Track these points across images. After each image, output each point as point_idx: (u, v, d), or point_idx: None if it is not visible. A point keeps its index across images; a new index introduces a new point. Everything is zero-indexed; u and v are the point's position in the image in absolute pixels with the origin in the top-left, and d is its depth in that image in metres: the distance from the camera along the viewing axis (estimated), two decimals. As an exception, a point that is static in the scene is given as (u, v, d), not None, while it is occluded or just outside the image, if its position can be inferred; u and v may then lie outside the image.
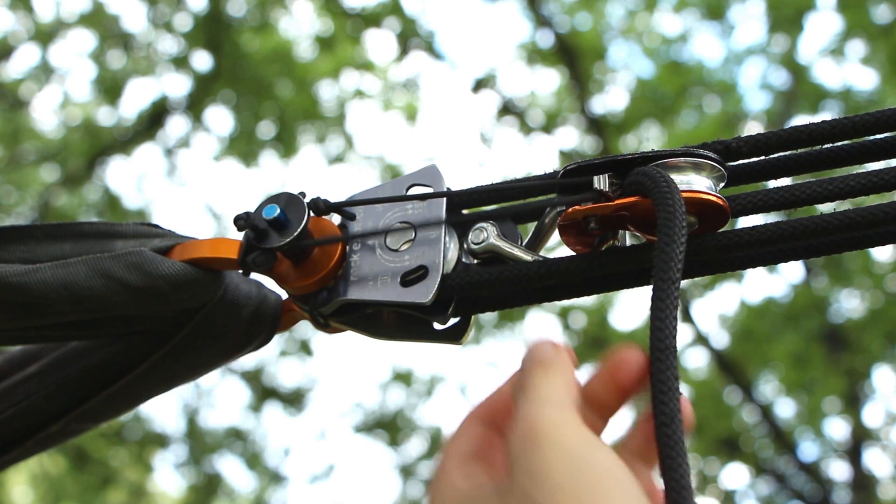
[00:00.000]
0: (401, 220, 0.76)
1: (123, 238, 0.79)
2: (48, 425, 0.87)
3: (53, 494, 7.30)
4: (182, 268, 0.75)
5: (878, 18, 5.68)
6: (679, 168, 0.68)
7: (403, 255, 0.74)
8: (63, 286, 0.74)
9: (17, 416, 0.86)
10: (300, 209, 0.73)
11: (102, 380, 0.85)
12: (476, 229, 0.75)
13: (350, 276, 0.74)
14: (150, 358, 0.83)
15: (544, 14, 6.09)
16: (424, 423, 7.46)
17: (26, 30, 6.13)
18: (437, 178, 0.77)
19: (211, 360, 0.85)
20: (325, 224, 0.76)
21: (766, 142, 0.72)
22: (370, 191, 0.78)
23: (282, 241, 0.72)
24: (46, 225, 0.79)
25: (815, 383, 6.07)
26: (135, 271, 0.74)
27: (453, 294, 0.74)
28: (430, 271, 0.73)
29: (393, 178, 0.78)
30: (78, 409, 0.86)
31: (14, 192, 6.67)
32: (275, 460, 7.47)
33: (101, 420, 0.90)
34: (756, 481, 6.74)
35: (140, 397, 0.87)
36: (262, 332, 0.83)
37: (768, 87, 6.35)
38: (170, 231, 0.80)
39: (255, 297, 0.82)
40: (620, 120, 6.06)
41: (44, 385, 0.86)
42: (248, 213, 0.74)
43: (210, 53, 6.00)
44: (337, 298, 0.74)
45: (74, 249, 0.78)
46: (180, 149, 6.64)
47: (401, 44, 6.15)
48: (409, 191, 0.77)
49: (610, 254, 0.72)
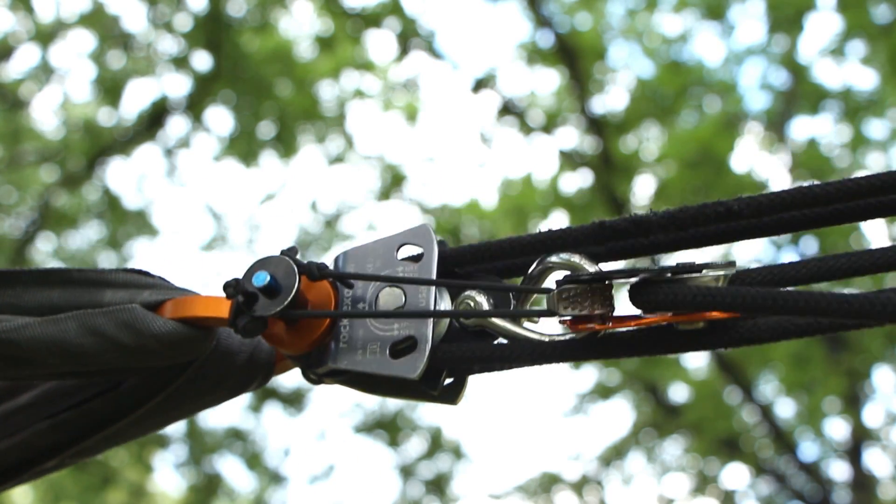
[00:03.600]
0: (391, 284, 0.75)
1: (113, 288, 0.77)
2: (43, 461, 0.87)
3: (53, 494, 7.30)
4: (174, 327, 0.73)
5: (878, 18, 5.68)
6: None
7: (393, 324, 0.74)
8: (53, 343, 0.73)
9: (12, 449, 0.86)
10: (291, 275, 0.72)
11: (96, 423, 0.84)
12: (466, 300, 0.74)
13: (341, 341, 0.74)
14: (146, 405, 0.82)
15: (544, 14, 6.09)
16: (424, 423, 7.46)
17: (26, 30, 6.13)
18: (427, 239, 0.76)
19: (207, 404, 0.85)
20: (318, 285, 0.75)
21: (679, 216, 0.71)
22: (361, 248, 0.77)
23: (272, 309, 0.72)
24: (34, 270, 0.78)
25: (815, 383, 6.07)
26: (126, 329, 0.73)
27: (443, 366, 0.73)
28: (419, 343, 0.72)
29: (384, 237, 0.77)
30: (72, 449, 0.86)
31: (14, 193, 6.67)
32: (275, 460, 7.48)
33: (98, 454, 0.90)
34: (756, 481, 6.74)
35: (136, 436, 0.87)
36: (257, 378, 0.83)
37: (768, 87, 6.35)
38: (160, 280, 0.78)
39: (248, 344, 0.81)
40: (620, 120, 6.05)
41: (36, 420, 0.85)
42: (237, 279, 0.73)
43: (210, 53, 6.00)
44: (327, 364, 0.74)
45: (62, 297, 0.77)
46: (180, 149, 6.64)
47: (401, 44, 6.14)
48: (399, 250, 0.76)
49: (612, 341, 0.70)
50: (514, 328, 0.73)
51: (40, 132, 6.57)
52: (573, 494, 7.42)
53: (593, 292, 0.67)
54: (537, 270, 0.73)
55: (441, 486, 7.49)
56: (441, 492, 7.51)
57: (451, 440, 7.52)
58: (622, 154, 5.97)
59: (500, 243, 0.76)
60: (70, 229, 6.79)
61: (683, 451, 7.10)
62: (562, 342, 0.71)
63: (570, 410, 7.27)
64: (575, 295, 0.67)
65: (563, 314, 0.68)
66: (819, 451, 6.48)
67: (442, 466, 7.51)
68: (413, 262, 0.76)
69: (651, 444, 7.20)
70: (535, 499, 7.48)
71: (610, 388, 6.92)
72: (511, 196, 6.47)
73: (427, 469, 7.48)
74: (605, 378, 6.86)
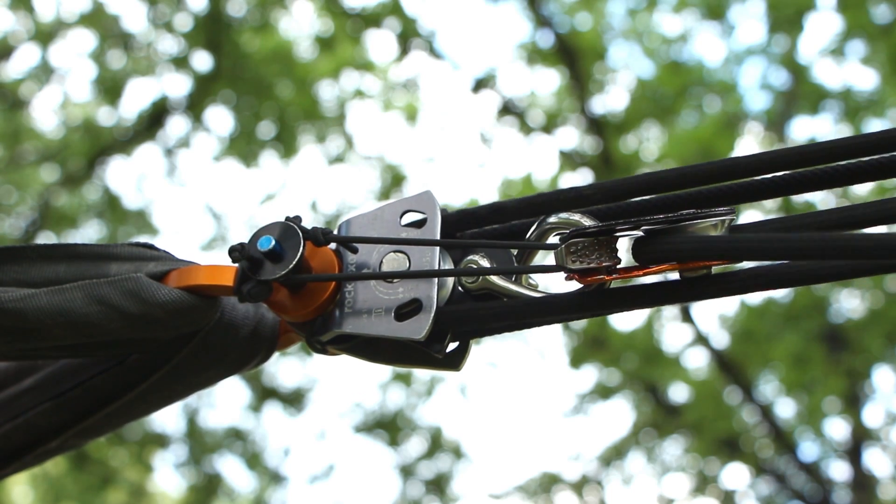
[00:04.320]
0: (395, 248, 0.75)
1: (118, 261, 0.78)
2: (47, 441, 0.87)
3: (53, 494, 7.30)
4: (179, 295, 0.74)
5: (878, 18, 5.68)
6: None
7: (398, 287, 0.74)
8: (59, 313, 0.73)
9: (15, 431, 0.86)
10: (296, 240, 0.73)
11: (101, 399, 0.85)
12: (469, 263, 0.74)
13: (345, 306, 0.74)
14: (149, 379, 0.82)
15: (544, 14, 6.09)
16: (424, 423, 7.46)
17: (26, 30, 6.13)
18: (431, 205, 0.76)
19: (209, 380, 0.85)
20: (321, 252, 0.76)
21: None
22: (365, 216, 0.78)
23: (277, 273, 0.72)
24: (40, 246, 0.79)
25: (815, 383, 6.07)
26: (131, 298, 0.73)
27: (448, 328, 0.74)
28: (424, 305, 0.73)
29: (388, 203, 0.77)
30: (76, 427, 0.86)
31: (14, 192, 6.67)
32: (275, 460, 7.48)
33: (101, 435, 0.91)
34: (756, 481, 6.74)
35: (139, 414, 0.88)
36: (260, 351, 0.83)
37: (768, 87, 6.35)
38: (165, 253, 0.79)
39: (252, 317, 0.81)
40: (620, 120, 6.05)
41: (40, 401, 0.85)
42: (243, 244, 0.73)
43: (210, 53, 6.00)
44: (332, 329, 0.74)
45: (69, 271, 0.77)
46: (180, 149, 6.64)
47: (401, 44, 6.15)
48: (403, 216, 0.76)
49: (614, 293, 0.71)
50: (517, 288, 0.73)
51: (40, 132, 6.57)
52: (573, 494, 7.43)
53: (599, 245, 0.68)
54: (536, 233, 0.73)
55: (441, 486, 7.49)
56: (441, 492, 7.51)
57: (451, 440, 7.52)
58: (622, 154, 5.97)
59: (500, 205, 0.76)
60: (70, 229, 6.79)
61: (683, 451, 7.09)
62: (566, 297, 0.71)
63: (570, 410, 7.27)
64: (582, 248, 0.68)
65: (572, 268, 0.68)
66: (819, 451, 6.48)
67: (442, 466, 7.51)
68: (416, 227, 0.76)
69: (651, 444, 7.20)
70: (535, 499, 7.48)
71: (610, 388, 6.92)
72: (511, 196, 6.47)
73: (427, 469, 7.48)
74: (605, 378, 6.86)
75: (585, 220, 0.70)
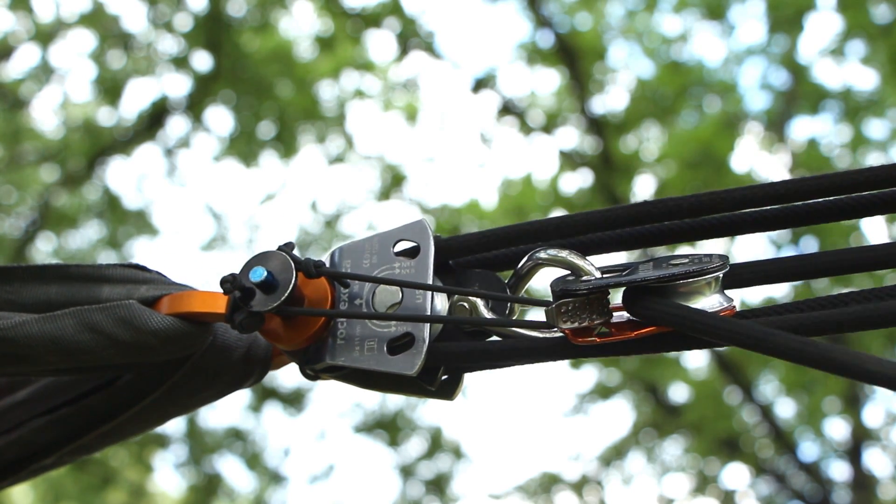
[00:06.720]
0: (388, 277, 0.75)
1: (110, 283, 0.77)
2: (41, 458, 0.87)
3: (53, 494, 7.30)
4: (171, 323, 0.74)
5: (878, 18, 5.68)
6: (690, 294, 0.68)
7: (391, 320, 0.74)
8: (51, 340, 0.73)
9: (9, 447, 0.86)
10: (288, 272, 0.72)
11: (94, 419, 0.85)
12: (461, 301, 0.74)
13: (338, 337, 0.75)
14: (143, 402, 0.82)
15: (544, 14, 6.09)
16: (424, 423, 7.46)
17: (26, 30, 6.13)
18: (424, 235, 0.76)
19: (204, 400, 0.85)
20: (314, 281, 0.75)
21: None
22: (357, 243, 0.77)
23: (268, 305, 0.72)
24: (31, 266, 0.78)
25: (815, 383, 6.07)
26: (123, 326, 0.73)
27: (440, 363, 0.74)
28: (416, 340, 0.73)
29: (381, 233, 0.77)
30: (70, 446, 0.86)
31: (14, 192, 6.67)
32: (275, 460, 7.48)
33: (95, 451, 0.90)
34: (756, 481, 6.74)
35: (134, 433, 0.88)
36: (254, 372, 0.83)
37: (768, 87, 6.35)
38: (157, 275, 0.78)
39: (245, 338, 0.81)
40: (620, 120, 6.06)
41: (33, 415, 0.85)
42: (234, 274, 0.73)
43: (210, 53, 6.00)
44: (325, 360, 0.74)
45: (60, 293, 0.77)
46: (180, 149, 6.64)
47: (401, 44, 6.15)
48: (395, 246, 0.76)
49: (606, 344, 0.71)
50: (509, 327, 0.74)
51: (40, 132, 6.57)
52: (573, 494, 7.43)
53: (591, 302, 0.68)
54: (526, 267, 0.73)
55: (441, 486, 7.49)
56: (441, 492, 7.52)
57: (451, 440, 7.52)
58: (622, 154, 5.97)
59: (493, 233, 0.76)
60: (70, 229, 6.79)
61: (683, 451, 7.10)
62: (557, 340, 0.71)
63: (570, 410, 7.27)
64: (573, 308, 0.68)
65: (564, 327, 0.69)
66: (819, 451, 6.48)
67: (442, 466, 7.51)
68: (409, 257, 0.76)
69: (651, 444, 7.20)
70: (535, 499, 7.48)
71: (610, 388, 6.92)
72: (511, 196, 6.47)
73: (427, 469, 7.48)
74: (605, 378, 6.86)
75: (575, 259, 0.70)
